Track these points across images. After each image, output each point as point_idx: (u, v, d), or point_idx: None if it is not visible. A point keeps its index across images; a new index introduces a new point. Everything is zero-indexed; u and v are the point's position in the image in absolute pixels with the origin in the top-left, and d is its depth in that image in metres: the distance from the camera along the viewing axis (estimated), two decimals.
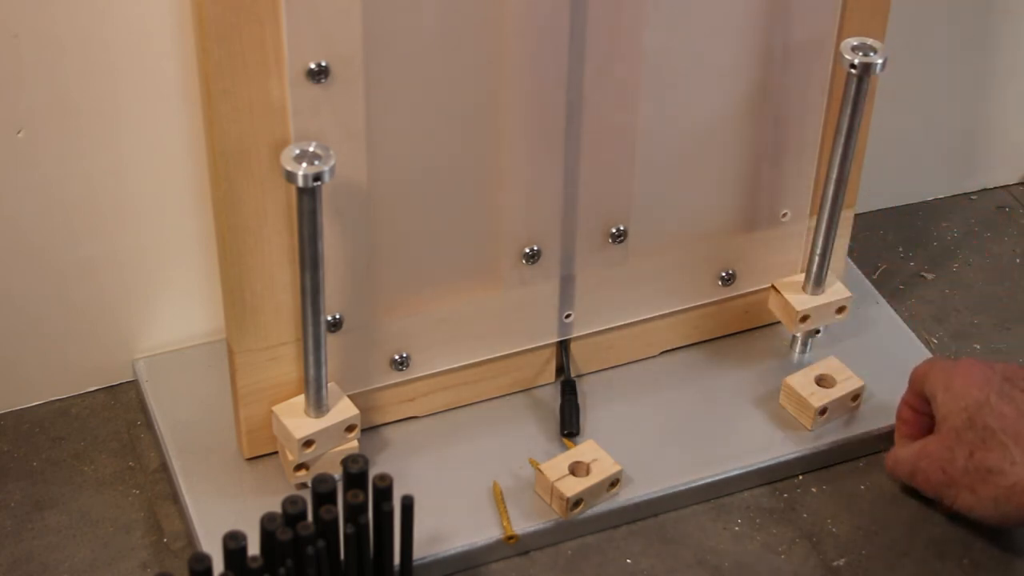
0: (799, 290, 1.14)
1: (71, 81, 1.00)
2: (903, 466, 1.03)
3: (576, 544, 1.04)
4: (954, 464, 0.98)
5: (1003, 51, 1.30)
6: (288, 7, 0.89)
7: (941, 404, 1.00)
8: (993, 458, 0.96)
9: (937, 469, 1.00)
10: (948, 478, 0.99)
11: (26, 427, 1.11)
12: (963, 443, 0.98)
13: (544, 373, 1.12)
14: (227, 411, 1.05)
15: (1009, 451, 0.96)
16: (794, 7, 1.04)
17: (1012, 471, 0.96)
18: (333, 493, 0.89)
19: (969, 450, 0.98)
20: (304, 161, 0.90)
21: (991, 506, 0.97)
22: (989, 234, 1.33)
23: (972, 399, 0.98)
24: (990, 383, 0.99)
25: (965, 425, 0.98)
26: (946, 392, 1.00)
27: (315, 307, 0.96)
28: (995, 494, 0.96)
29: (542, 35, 0.97)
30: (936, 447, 1.00)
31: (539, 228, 1.04)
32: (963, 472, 0.98)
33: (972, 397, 0.98)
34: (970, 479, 0.98)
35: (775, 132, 1.09)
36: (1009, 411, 0.97)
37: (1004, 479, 0.96)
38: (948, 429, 0.99)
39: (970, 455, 0.97)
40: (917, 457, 1.01)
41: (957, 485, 0.99)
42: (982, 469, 0.97)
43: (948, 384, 1.00)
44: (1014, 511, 0.97)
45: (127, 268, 1.09)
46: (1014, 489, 0.96)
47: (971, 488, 0.98)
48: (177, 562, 1.02)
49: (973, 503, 0.98)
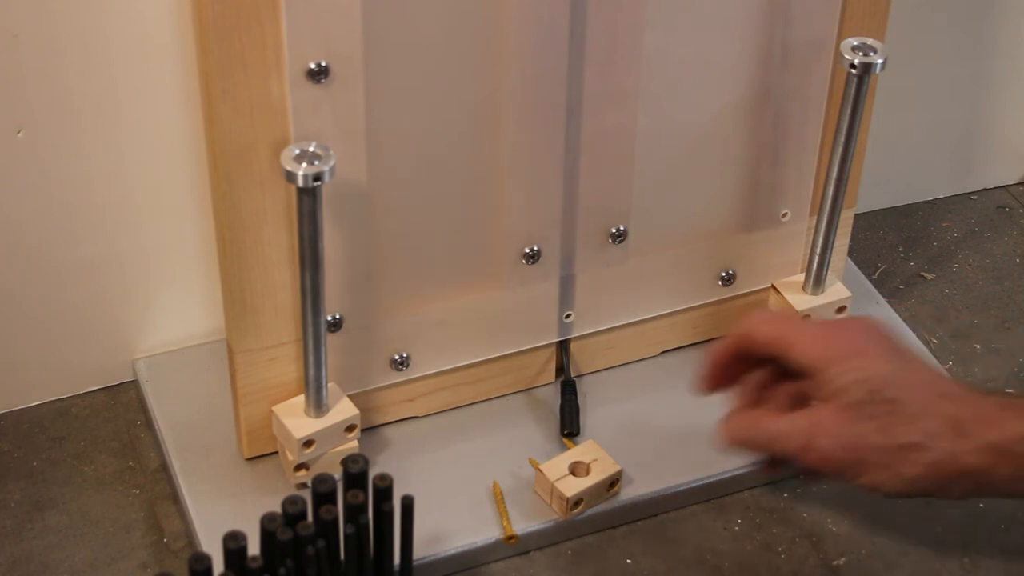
0: (799, 290, 1.14)
1: (71, 81, 1.00)
2: (787, 441, 0.90)
3: (576, 544, 1.04)
4: (862, 441, 0.88)
5: (1003, 51, 1.30)
6: (288, 7, 0.89)
7: (830, 378, 0.89)
8: (910, 432, 0.87)
9: (841, 447, 0.88)
10: (855, 456, 0.88)
11: (26, 427, 1.11)
12: (869, 418, 0.88)
13: (544, 373, 1.12)
14: (227, 411, 1.05)
15: (924, 423, 0.87)
16: (794, 7, 1.04)
17: (932, 445, 0.87)
18: (333, 493, 0.89)
19: (880, 425, 0.87)
20: (304, 161, 0.90)
21: (907, 483, 0.88)
22: (989, 234, 1.33)
23: (871, 370, 0.88)
24: (882, 351, 0.90)
25: (867, 399, 0.88)
26: (835, 364, 0.89)
27: (315, 307, 0.96)
28: (915, 471, 0.87)
29: (542, 35, 0.97)
30: (833, 423, 0.88)
31: (539, 228, 1.04)
32: (875, 450, 0.87)
33: (870, 368, 0.88)
34: (884, 457, 0.87)
35: (775, 132, 1.09)
36: (913, 380, 0.89)
37: (926, 455, 0.87)
38: (845, 404, 0.88)
39: (882, 431, 0.87)
40: (811, 433, 0.89)
41: (866, 463, 0.88)
42: (899, 447, 0.87)
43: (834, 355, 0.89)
44: (933, 485, 0.88)
45: (127, 268, 1.09)
46: (936, 464, 0.87)
47: (885, 466, 0.87)
48: (177, 562, 1.02)
49: (885, 480, 0.88)
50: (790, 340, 0.91)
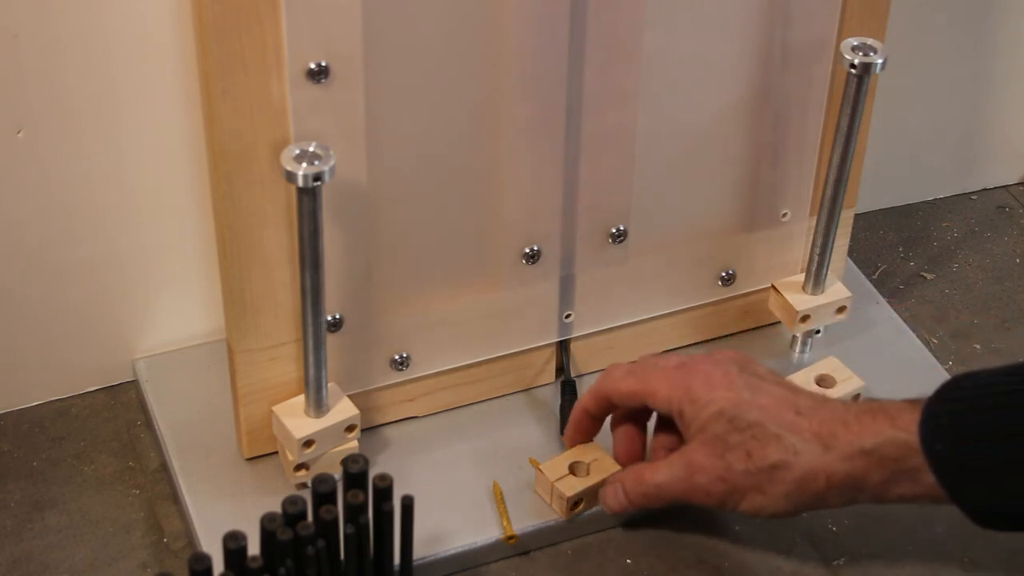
0: (799, 290, 1.14)
1: (71, 81, 1.00)
2: (672, 488, 0.96)
3: (576, 544, 1.04)
4: (732, 471, 0.93)
5: (1003, 51, 1.30)
6: (288, 7, 0.89)
7: (691, 417, 0.94)
8: (773, 453, 0.91)
9: (715, 480, 0.93)
10: (729, 486, 0.93)
11: (26, 427, 1.11)
12: (733, 447, 0.92)
13: (544, 373, 1.12)
14: (227, 411, 1.05)
15: (786, 441, 0.91)
16: (794, 7, 1.04)
17: (797, 461, 0.91)
18: (333, 493, 0.89)
19: (745, 451, 0.92)
20: (304, 161, 0.90)
21: (783, 501, 0.92)
22: (989, 234, 1.33)
23: (726, 401, 0.93)
24: (733, 380, 0.94)
25: (728, 429, 0.92)
26: (692, 404, 0.94)
27: (315, 307, 0.96)
28: (786, 489, 0.91)
29: (542, 35, 0.97)
30: (704, 458, 0.93)
31: (539, 228, 1.04)
32: (745, 475, 0.92)
33: (724, 399, 0.93)
34: (755, 480, 0.92)
35: (775, 132, 1.09)
36: (767, 401, 0.93)
37: (791, 472, 0.91)
38: (709, 438, 0.93)
39: (748, 456, 0.92)
40: (688, 474, 0.94)
41: (741, 490, 0.93)
42: (765, 468, 0.91)
43: (689, 396, 0.94)
44: (808, 499, 0.92)
45: (127, 268, 1.09)
46: (804, 479, 0.91)
47: (759, 489, 0.92)
48: (177, 562, 1.02)
49: (763, 502, 0.93)
50: (645, 392, 0.97)
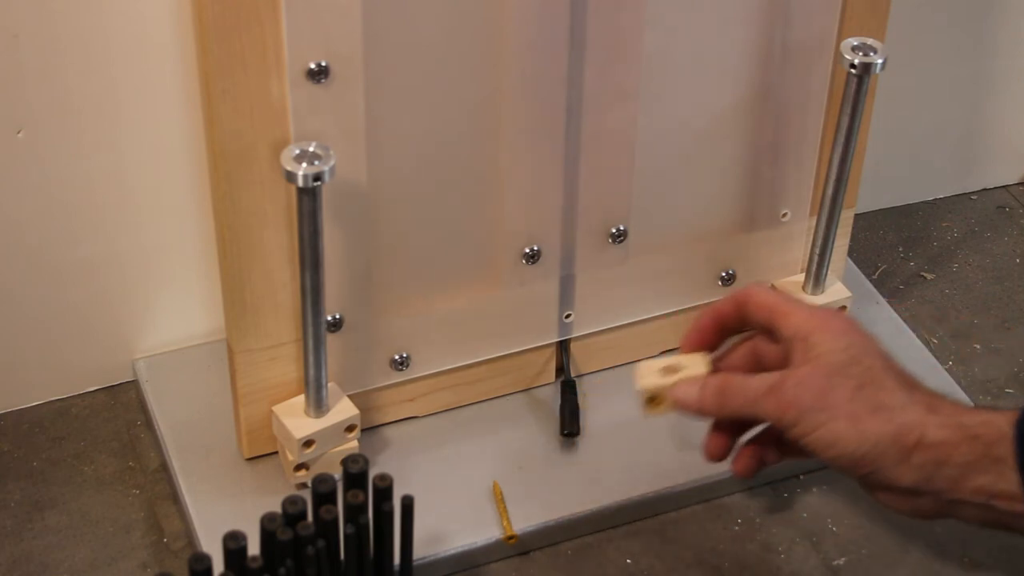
0: (799, 290, 1.14)
1: (71, 81, 1.00)
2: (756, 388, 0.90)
3: (576, 544, 1.04)
4: (834, 391, 0.88)
5: (1003, 51, 1.30)
6: (288, 7, 0.89)
7: (817, 342, 0.90)
8: (884, 396, 0.88)
9: (810, 392, 0.88)
10: (822, 403, 0.88)
11: (26, 427, 1.11)
12: (847, 376, 0.88)
13: (544, 373, 1.12)
14: (227, 411, 1.05)
15: (898, 395, 0.88)
16: (794, 7, 1.04)
17: (901, 413, 0.87)
18: (333, 493, 0.89)
19: (856, 384, 0.88)
20: (304, 161, 0.90)
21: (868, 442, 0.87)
22: (989, 234, 1.33)
23: (855, 341, 0.90)
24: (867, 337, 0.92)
25: (849, 363, 0.89)
26: (824, 333, 0.90)
27: (315, 307, 0.96)
28: (878, 431, 0.87)
29: (542, 35, 0.97)
30: (809, 373, 0.89)
31: (539, 228, 1.04)
32: (845, 402, 0.88)
33: (855, 340, 0.90)
34: (854, 408, 0.88)
35: (775, 132, 1.09)
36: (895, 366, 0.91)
37: (895, 415, 0.87)
38: (826, 362, 0.89)
39: (858, 388, 0.88)
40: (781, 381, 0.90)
41: (831, 412, 0.88)
42: (869, 405, 0.88)
43: (825, 325, 0.91)
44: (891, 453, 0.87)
45: (127, 268, 1.09)
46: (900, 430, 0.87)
47: (851, 418, 0.88)
48: (177, 562, 1.02)
49: (846, 434, 0.87)
50: (784, 310, 0.92)
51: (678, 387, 0.93)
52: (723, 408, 0.92)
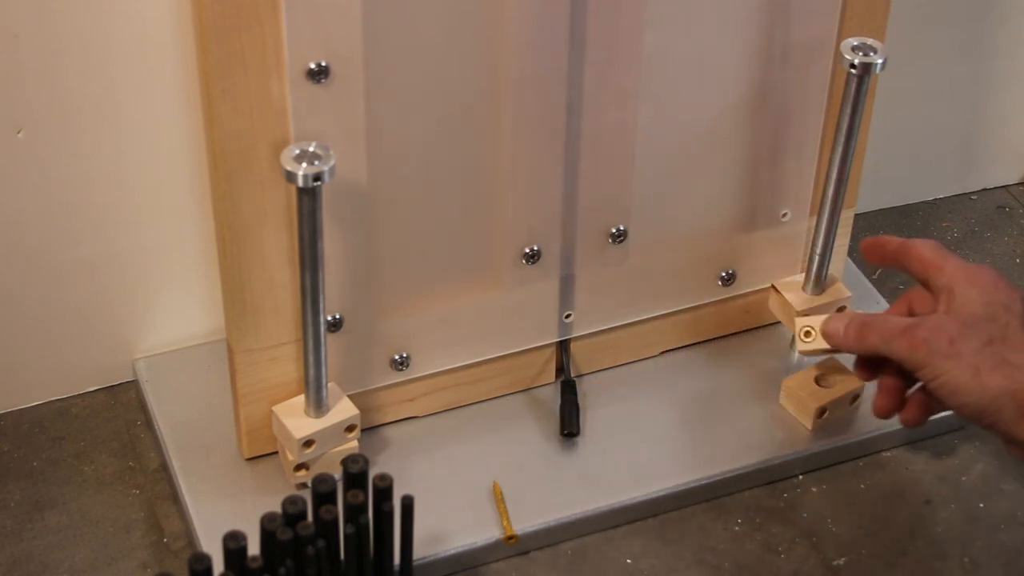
0: (799, 290, 1.14)
1: (71, 81, 1.00)
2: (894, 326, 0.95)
3: (576, 544, 1.04)
4: (965, 340, 0.92)
5: (1003, 51, 1.30)
6: (288, 7, 0.89)
7: (960, 294, 0.94)
8: (1011, 354, 0.91)
9: (942, 336, 0.92)
10: (954, 350, 0.92)
11: (26, 427, 1.11)
12: (981, 330, 0.92)
13: (544, 373, 1.12)
14: (227, 411, 1.05)
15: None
16: (794, 7, 1.04)
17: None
18: (333, 493, 0.89)
19: (988, 337, 0.92)
20: (304, 161, 0.90)
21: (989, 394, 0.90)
22: (989, 234, 1.33)
23: (998, 299, 0.93)
24: (1016, 297, 0.95)
25: (987, 316, 0.93)
26: (969, 287, 0.94)
27: (315, 307, 0.96)
28: (1001, 385, 0.90)
29: (542, 35, 0.97)
30: (945, 319, 0.93)
31: (539, 228, 1.04)
32: (974, 352, 0.91)
33: (998, 297, 0.93)
34: (981, 360, 0.91)
35: (775, 132, 1.09)
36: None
37: (1015, 375, 0.90)
38: (964, 312, 0.93)
39: (989, 342, 0.91)
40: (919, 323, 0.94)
41: (960, 359, 0.91)
42: (997, 359, 0.91)
43: (972, 279, 0.95)
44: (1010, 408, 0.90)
45: (127, 268, 1.09)
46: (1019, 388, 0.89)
47: (976, 369, 0.91)
48: (177, 562, 1.02)
49: (968, 384, 0.91)
50: (938, 264, 0.97)
51: (827, 321, 1.00)
52: (861, 343, 0.97)
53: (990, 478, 1.10)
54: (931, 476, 1.10)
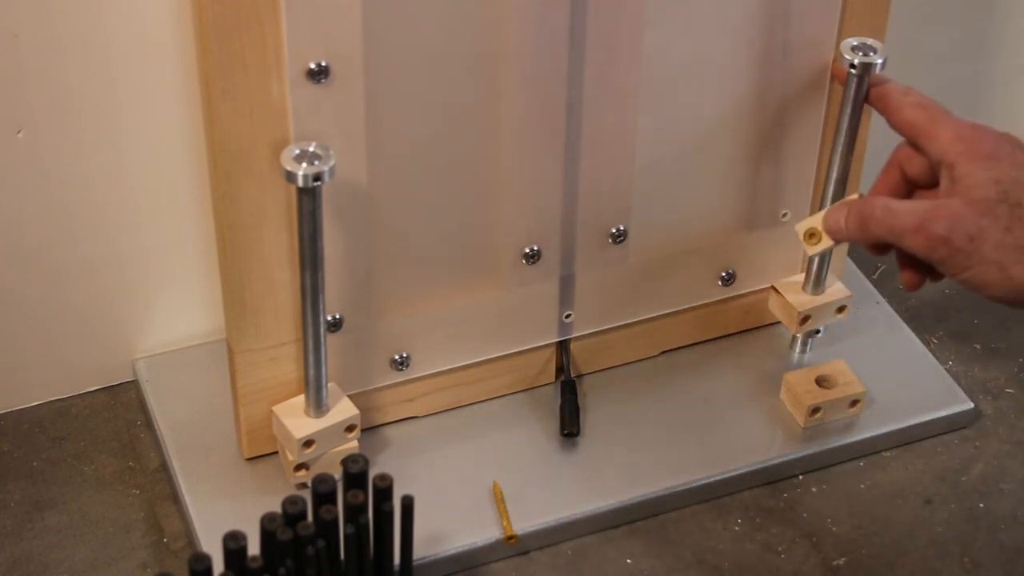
0: (799, 290, 1.14)
1: (71, 81, 1.00)
2: (904, 219, 0.89)
3: (576, 544, 1.04)
4: (984, 234, 0.86)
5: (1003, 51, 1.30)
6: (288, 7, 0.89)
7: (963, 174, 0.88)
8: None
9: (961, 234, 0.87)
10: (971, 246, 0.87)
11: (26, 427, 1.11)
12: (998, 216, 0.86)
13: (544, 373, 1.12)
14: (227, 411, 1.05)
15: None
16: (794, 7, 1.04)
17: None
18: (333, 493, 0.89)
19: (1006, 225, 0.86)
20: (304, 161, 0.90)
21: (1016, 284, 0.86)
22: None
23: (1005, 173, 0.87)
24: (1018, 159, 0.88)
25: (998, 198, 0.87)
26: (972, 162, 0.88)
27: (315, 307, 0.96)
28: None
29: (542, 35, 0.97)
30: (957, 212, 0.87)
31: (539, 228, 1.04)
32: (995, 246, 0.86)
33: (1006, 173, 0.87)
34: (1000, 255, 0.86)
35: (775, 132, 1.09)
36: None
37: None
38: (976, 197, 0.87)
39: (1008, 230, 0.86)
40: (932, 215, 0.88)
41: (980, 256, 0.87)
42: (1020, 247, 0.86)
43: (973, 153, 0.89)
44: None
45: (127, 268, 1.09)
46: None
47: (999, 265, 0.86)
48: (177, 562, 1.02)
49: (995, 279, 0.87)
50: (929, 131, 0.91)
51: (827, 216, 0.95)
52: (866, 234, 0.92)
53: (990, 478, 1.10)
54: (931, 476, 1.10)
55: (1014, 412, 1.15)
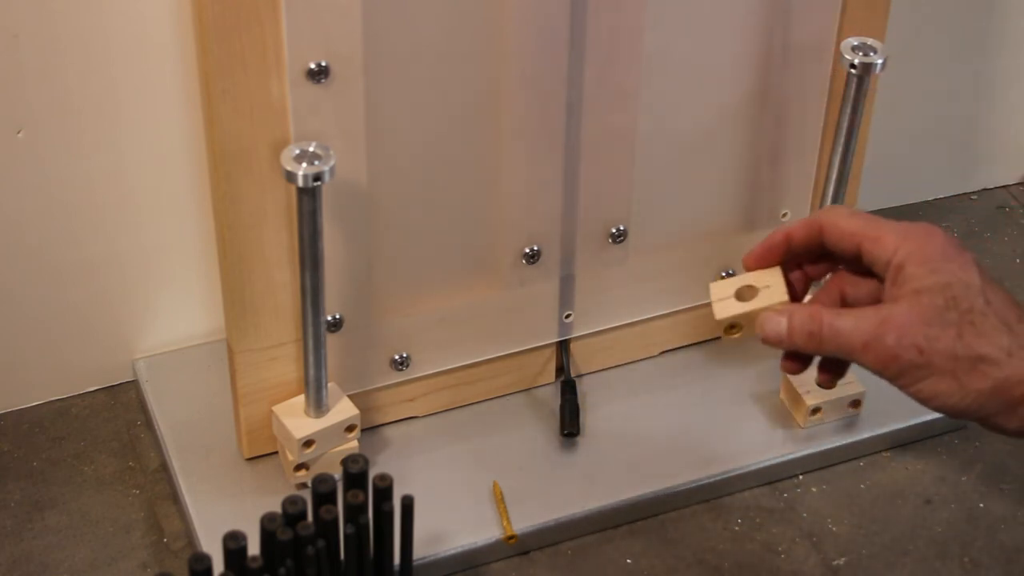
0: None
1: (71, 81, 1.00)
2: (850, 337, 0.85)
3: (576, 544, 1.04)
4: (934, 345, 0.83)
5: (1003, 51, 1.30)
6: (288, 7, 0.89)
7: (911, 276, 0.84)
8: (985, 345, 0.83)
9: (909, 347, 0.83)
10: (923, 359, 0.83)
11: (26, 427, 1.11)
12: (947, 324, 0.83)
13: (544, 373, 1.12)
14: (227, 411, 1.05)
15: (1003, 339, 0.83)
16: (794, 7, 1.04)
17: (1008, 363, 0.82)
18: (333, 493, 0.89)
19: (956, 332, 0.83)
20: (304, 161, 0.90)
21: (970, 397, 0.83)
22: (989, 234, 1.33)
23: (956, 277, 0.83)
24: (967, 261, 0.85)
25: (947, 305, 0.83)
26: (921, 264, 0.84)
27: (315, 307, 0.96)
28: (983, 386, 0.83)
29: (542, 35, 0.97)
30: (908, 320, 0.83)
31: (539, 228, 1.04)
32: (946, 356, 0.83)
33: (956, 275, 0.84)
34: (953, 365, 0.83)
35: (775, 132, 1.09)
36: (995, 298, 0.84)
37: (997, 370, 0.82)
38: (924, 305, 0.83)
39: (958, 337, 0.83)
40: (880, 329, 0.84)
41: (932, 368, 0.83)
42: (972, 356, 0.82)
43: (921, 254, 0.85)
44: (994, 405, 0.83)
45: (127, 268, 1.09)
46: (1007, 382, 0.82)
47: (953, 375, 0.83)
48: (177, 562, 1.02)
49: (948, 390, 0.83)
50: (873, 235, 0.86)
51: (765, 321, 0.88)
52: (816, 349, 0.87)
53: (990, 478, 1.10)
54: (931, 476, 1.10)
55: None
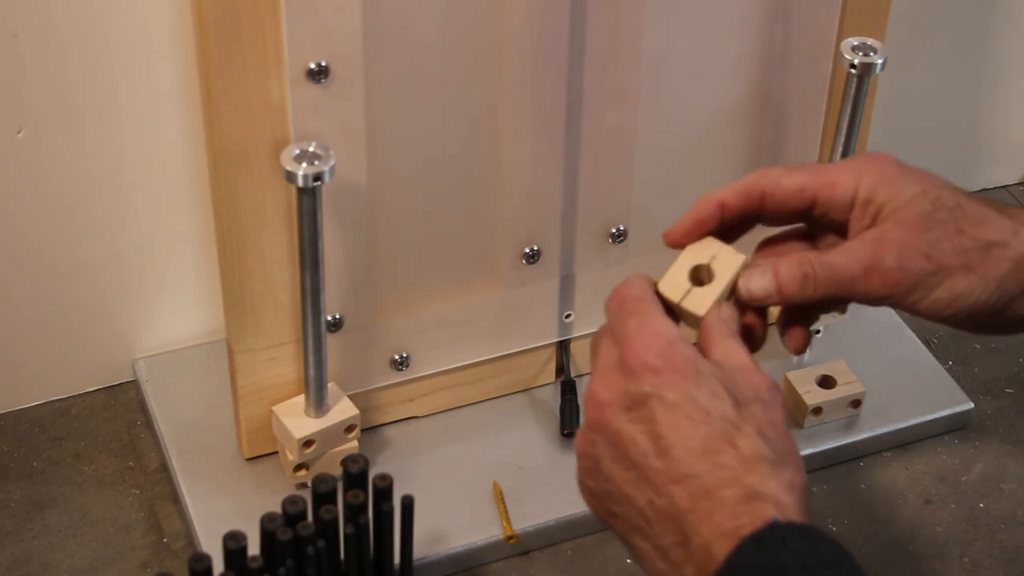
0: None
1: (71, 81, 1.00)
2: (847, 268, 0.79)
3: (576, 544, 1.04)
4: (938, 246, 0.78)
5: (1003, 51, 1.30)
6: (288, 7, 0.89)
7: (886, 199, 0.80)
8: (990, 231, 0.79)
9: (916, 256, 0.78)
10: (932, 264, 0.78)
11: (26, 427, 1.11)
12: (942, 222, 0.79)
13: (544, 373, 1.12)
14: (227, 411, 1.05)
15: (1003, 221, 0.80)
16: (794, 7, 1.04)
17: (1018, 241, 0.79)
18: (333, 493, 0.89)
19: (955, 227, 0.79)
20: (304, 161, 0.90)
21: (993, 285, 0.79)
22: None
23: (928, 183, 0.81)
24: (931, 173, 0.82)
25: (935, 207, 0.79)
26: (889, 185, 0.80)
27: (315, 307, 0.96)
28: (1001, 270, 0.79)
29: (542, 35, 0.97)
30: (902, 234, 0.79)
31: (539, 228, 1.04)
32: (954, 252, 0.79)
33: (927, 181, 0.81)
34: (964, 259, 0.79)
35: (775, 132, 1.09)
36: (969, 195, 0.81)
37: (1010, 251, 0.79)
38: (911, 215, 0.79)
39: (959, 232, 0.79)
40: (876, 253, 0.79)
41: (945, 269, 0.79)
42: (981, 245, 0.79)
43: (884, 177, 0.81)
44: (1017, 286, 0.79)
45: (127, 268, 1.09)
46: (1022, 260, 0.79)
47: (968, 268, 0.79)
48: (177, 562, 1.02)
49: (969, 286, 0.79)
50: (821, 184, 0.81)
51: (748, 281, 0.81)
52: (811, 294, 0.80)
53: (990, 478, 1.10)
54: (931, 476, 1.10)
55: (1014, 412, 1.15)
